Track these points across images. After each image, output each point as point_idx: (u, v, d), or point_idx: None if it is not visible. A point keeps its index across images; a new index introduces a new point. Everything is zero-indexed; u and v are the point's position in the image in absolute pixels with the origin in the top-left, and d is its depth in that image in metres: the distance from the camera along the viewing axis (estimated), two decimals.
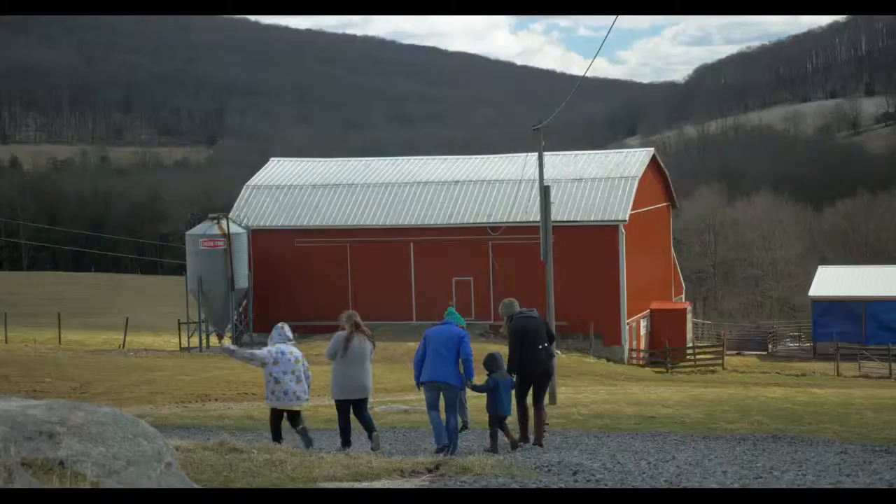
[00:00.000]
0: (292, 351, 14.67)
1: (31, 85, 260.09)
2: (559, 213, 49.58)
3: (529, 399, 15.25)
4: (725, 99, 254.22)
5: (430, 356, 14.50)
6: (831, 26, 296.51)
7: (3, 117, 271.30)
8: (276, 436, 14.77)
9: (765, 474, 11.27)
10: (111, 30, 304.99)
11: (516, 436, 14.93)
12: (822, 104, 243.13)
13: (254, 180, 59.72)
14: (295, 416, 14.83)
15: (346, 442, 14.79)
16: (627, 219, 51.66)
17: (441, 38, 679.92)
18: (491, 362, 15.00)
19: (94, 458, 6.70)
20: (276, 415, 14.90)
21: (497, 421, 14.69)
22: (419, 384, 14.81)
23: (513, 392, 15.08)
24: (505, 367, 15.03)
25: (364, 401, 15.05)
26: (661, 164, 61.16)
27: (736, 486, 10.21)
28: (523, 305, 15.94)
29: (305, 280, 54.59)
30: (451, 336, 14.55)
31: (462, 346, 14.52)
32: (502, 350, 15.68)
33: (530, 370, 14.99)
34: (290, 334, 14.99)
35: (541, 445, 14.83)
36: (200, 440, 14.01)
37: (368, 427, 14.98)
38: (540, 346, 15.05)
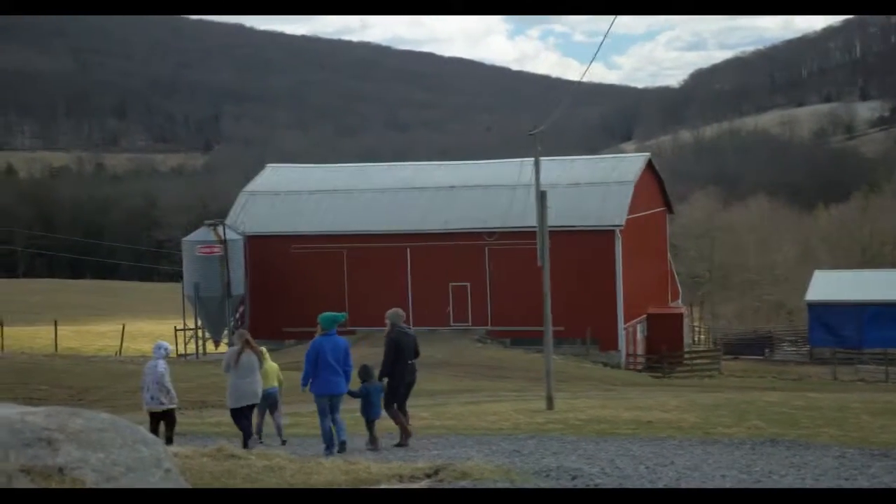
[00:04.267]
0: (159, 364, 17.48)
1: (26, 91, 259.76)
2: (555, 219, 49.18)
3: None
4: (721, 103, 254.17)
5: (325, 370, 15.99)
6: (825, 30, 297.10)
7: None
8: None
9: (763, 478, 11.27)
10: (104, 35, 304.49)
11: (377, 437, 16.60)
12: (817, 108, 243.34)
13: (250, 187, 59.72)
14: (169, 421, 17.54)
15: (247, 438, 16.97)
16: (624, 224, 51.69)
17: (437, 43, 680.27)
18: (364, 372, 16.81)
19: (93, 465, 6.68)
20: (152, 418, 17.41)
21: (372, 423, 16.59)
22: (315, 394, 16.17)
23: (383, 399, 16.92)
24: (376, 376, 16.82)
25: (253, 406, 17.47)
26: (657, 169, 61.22)
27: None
28: (524, 312, 16.84)
29: (302, 286, 54.51)
30: (339, 348, 16.15)
31: (347, 358, 16.24)
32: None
33: (399, 380, 16.83)
34: (155, 351, 17.76)
35: (406, 444, 16.41)
36: (198, 447, 14.03)
37: (250, 432, 17.29)
38: (409, 361, 16.94)
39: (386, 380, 16.79)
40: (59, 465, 6.55)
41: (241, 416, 17.19)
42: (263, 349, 19.13)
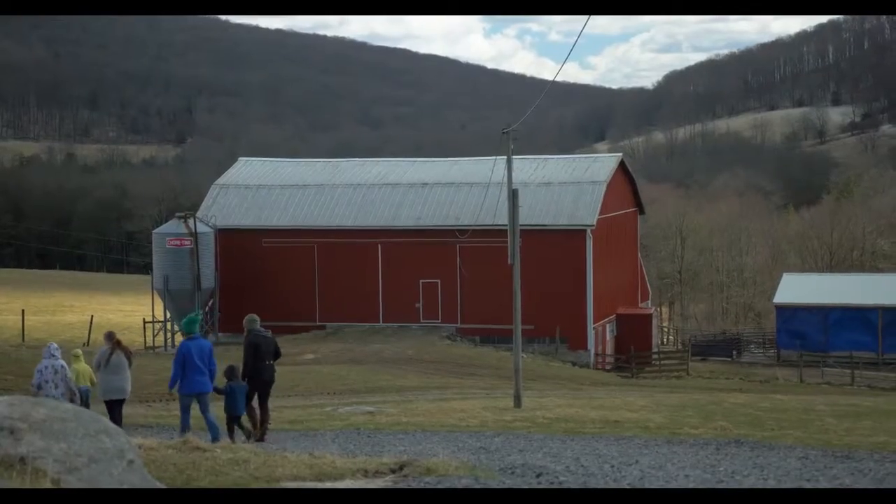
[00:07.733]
0: (53, 364, 18.46)
1: None
2: (527, 217, 49.51)
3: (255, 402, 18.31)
4: (694, 106, 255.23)
5: (192, 370, 17.15)
6: (799, 35, 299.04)
7: None
8: None
9: (727, 478, 11.34)
10: (80, 26, 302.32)
11: (250, 428, 17.83)
12: (790, 112, 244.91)
13: (222, 180, 59.48)
14: None
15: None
16: (595, 223, 51.83)
17: (413, 40, 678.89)
18: (230, 372, 17.94)
19: (56, 455, 6.66)
20: None
21: (234, 419, 17.62)
22: (181, 394, 17.33)
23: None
24: (240, 375, 18.03)
25: (122, 401, 19.07)
26: (629, 170, 61.40)
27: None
28: (493, 310, 16.83)
29: (273, 280, 54.39)
30: (204, 350, 17.41)
31: (212, 358, 17.43)
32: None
33: (258, 378, 18.05)
34: (54, 352, 18.67)
35: (262, 440, 17.25)
36: (164, 439, 13.99)
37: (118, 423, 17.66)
38: (267, 362, 18.21)
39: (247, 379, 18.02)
40: (21, 455, 6.52)
41: (110, 408, 18.74)
42: (79, 350, 21.47)
